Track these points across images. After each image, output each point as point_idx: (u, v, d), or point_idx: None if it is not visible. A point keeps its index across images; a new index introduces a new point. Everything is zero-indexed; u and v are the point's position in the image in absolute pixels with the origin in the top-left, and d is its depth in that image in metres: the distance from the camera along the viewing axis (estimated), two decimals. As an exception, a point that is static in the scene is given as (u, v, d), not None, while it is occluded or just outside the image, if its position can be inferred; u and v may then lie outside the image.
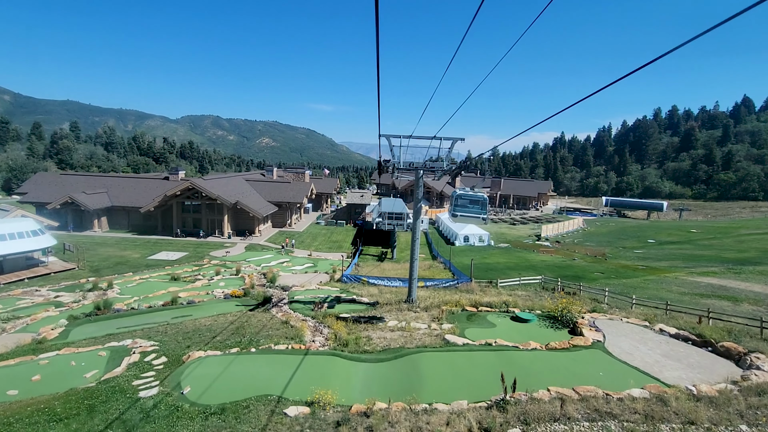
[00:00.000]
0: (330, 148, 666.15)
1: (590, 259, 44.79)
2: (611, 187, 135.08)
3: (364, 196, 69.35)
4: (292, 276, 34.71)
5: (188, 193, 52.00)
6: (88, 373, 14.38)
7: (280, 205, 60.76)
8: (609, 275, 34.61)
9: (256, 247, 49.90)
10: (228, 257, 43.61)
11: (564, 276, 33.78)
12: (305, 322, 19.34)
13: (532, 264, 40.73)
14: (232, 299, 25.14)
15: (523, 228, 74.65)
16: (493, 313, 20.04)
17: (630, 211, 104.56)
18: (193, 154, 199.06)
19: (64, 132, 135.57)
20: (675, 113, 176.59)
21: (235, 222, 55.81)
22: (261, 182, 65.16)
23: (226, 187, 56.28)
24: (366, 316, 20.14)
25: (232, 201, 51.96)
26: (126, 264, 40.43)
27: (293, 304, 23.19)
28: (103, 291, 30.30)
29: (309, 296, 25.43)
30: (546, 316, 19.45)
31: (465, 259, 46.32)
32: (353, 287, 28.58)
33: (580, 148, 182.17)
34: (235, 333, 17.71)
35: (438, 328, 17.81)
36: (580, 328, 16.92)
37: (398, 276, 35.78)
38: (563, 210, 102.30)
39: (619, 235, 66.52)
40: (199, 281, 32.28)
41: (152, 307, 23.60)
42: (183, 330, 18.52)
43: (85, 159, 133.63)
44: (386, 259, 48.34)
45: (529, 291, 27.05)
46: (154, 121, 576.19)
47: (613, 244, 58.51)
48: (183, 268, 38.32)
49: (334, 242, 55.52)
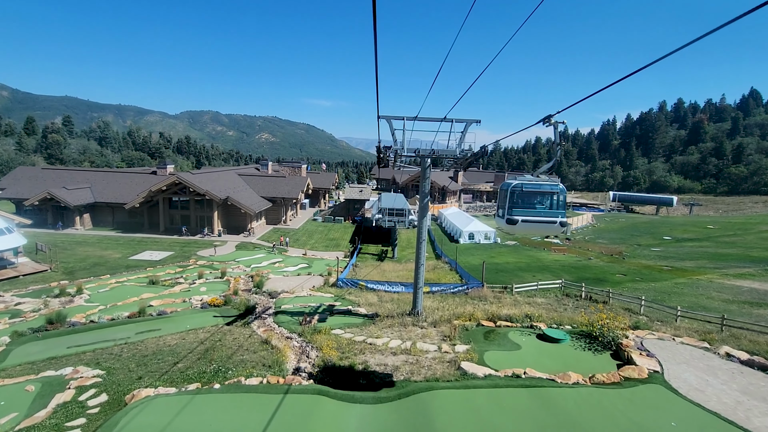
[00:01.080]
0: (330, 143, 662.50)
1: (607, 258, 41.53)
2: (617, 181, 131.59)
3: (363, 191, 66.00)
4: (283, 279, 31.46)
5: (175, 188, 48.67)
6: (3, 418, 11.14)
7: (275, 200, 57.43)
8: (632, 277, 31.36)
9: (248, 245, 46.64)
10: (216, 257, 40.37)
11: (583, 279, 30.55)
12: (290, 341, 16.11)
13: (545, 264, 37.47)
14: (210, 309, 21.91)
15: (529, 224, 71.36)
16: (515, 330, 16.77)
17: (638, 206, 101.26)
18: (190, 149, 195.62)
19: (55, 126, 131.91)
20: (681, 106, 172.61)
21: (226, 219, 52.51)
22: (255, 177, 61.80)
23: (217, 181, 52.95)
24: (363, 332, 16.90)
25: (222, 196, 48.64)
26: (104, 265, 37.19)
27: (279, 316, 19.94)
28: (70, 297, 27.08)
29: (298, 305, 22.19)
30: (580, 333, 16.19)
31: (471, 258, 43.10)
32: (350, 293, 25.34)
33: (584, 141, 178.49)
34: (202, 357, 14.48)
35: (450, 351, 14.56)
36: (627, 353, 13.64)
37: (400, 280, 32.56)
38: (569, 205, 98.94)
39: (632, 231, 63.22)
40: (178, 286, 29.04)
41: (115, 320, 20.36)
42: (141, 353, 15.28)
43: (78, 154, 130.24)
44: (386, 258, 45.12)
45: (549, 298, 23.80)
46: (153, 116, 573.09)
47: (627, 242, 55.23)
48: (165, 270, 35.10)
49: (331, 240, 52.27)
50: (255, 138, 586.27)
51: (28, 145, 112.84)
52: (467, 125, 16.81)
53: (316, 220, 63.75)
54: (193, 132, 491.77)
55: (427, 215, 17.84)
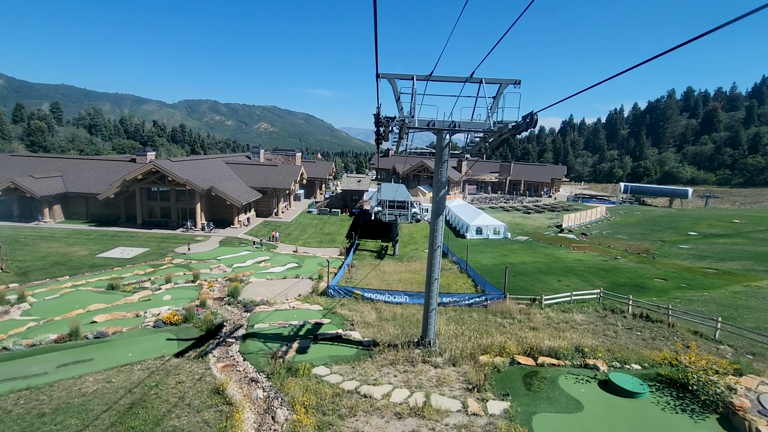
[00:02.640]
0: (329, 133, 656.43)
1: (634, 257, 36.91)
2: (627, 172, 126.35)
3: (362, 181, 61.13)
4: (266, 284, 26.82)
5: (153, 177, 43.84)
6: None
7: (265, 191, 52.66)
8: (675, 282, 26.76)
9: (234, 241, 42.02)
10: (194, 255, 35.77)
11: (618, 285, 25.98)
12: (253, 389, 11.54)
13: (568, 265, 32.86)
14: (165, 329, 17.31)
15: (539, 217, 66.66)
16: (565, 373, 12.17)
17: (650, 198, 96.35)
18: (184, 138, 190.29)
19: (41, 113, 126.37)
20: (691, 95, 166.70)
21: (211, 211, 47.84)
22: (244, 166, 56.91)
23: (201, 170, 48.13)
24: (356, 373, 12.31)
25: (204, 186, 43.86)
26: (66, 264, 32.59)
27: (248, 342, 15.37)
28: (7, 307, 22.57)
29: (277, 323, 17.60)
30: (659, 380, 11.60)
31: (482, 257, 38.51)
32: (342, 304, 20.76)
33: (591, 131, 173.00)
34: (119, 421, 9.89)
35: (482, 412, 9.99)
36: (748, 423, 9.06)
37: (402, 283, 27.97)
38: (578, 197, 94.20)
39: (651, 225, 58.54)
40: (141, 292, 24.47)
41: (37, 346, 15.77)
42: (38, 409, 10.70)
43: (66, 142, 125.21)
44: (386, 255, 40.51)
45: (588, 314, 19.20)
46: (150, 105, 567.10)
47: (649, 237, 50.58)
48: (134, 270, 30.53)
49: (326, 235, 47.62)
50: (254, 127, 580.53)
51: (10, 132, 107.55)
52: (502, 87, 12.01)
53: (311, 212, 59.05)
54: (191, 121, 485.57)
55: (443, 213, 13.11)
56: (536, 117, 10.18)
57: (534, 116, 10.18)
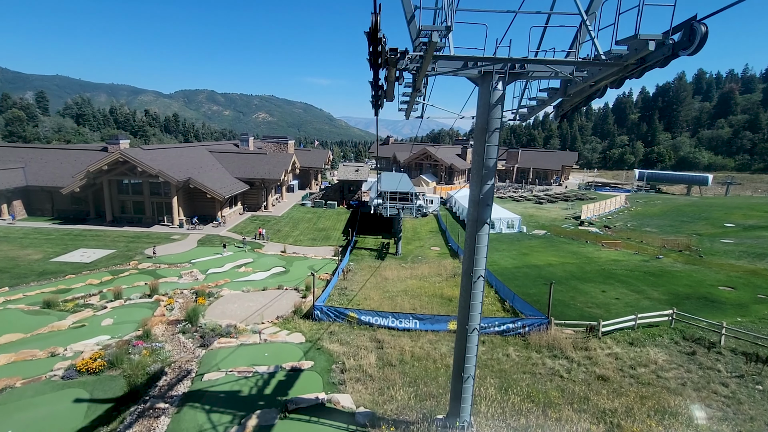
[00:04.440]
0: (328, 122, 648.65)
1: (677, 255, 31.78)
2: (639, 158, 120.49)
3: (360, 170, 55.73)
4: (240, 299, 21.70)
5: (122, 167, 38.54)
6: None
7: (253, 182, 47.41)
8: (746, 291, 21.65)
9: (214, 239, 36.92)
10: (164, 257, 30.73)
11: (678, 295, 20.88)
12: None
13: (605, 268, 27.68)
14: (76, 383, 12.25)
15: (552, 208, 61.41)
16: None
17: (667, 185, 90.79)
18: (178, 128, 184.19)
19: (24, 102, 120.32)
20: (702, 77, 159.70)
21: (191, 206, 42.67)
22: (230, 154, 51.52)
23: (179, 159, 42.78)
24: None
25: (181, 178, 38.59)
26: (10, 272, 27.54)
27: (185, 411, 10.29)
28: None
29: (237, 371, 12.54)
30: None
31: (498, 256, 33.37)
32: (331, 332, 15.68)
33: (599, 116, 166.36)
34: None
35: None
36: None
37: (408, 292, 22.84)
38: (590, 185, 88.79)
39: (679, 216, 53.30)
40: (78, 313, 19.40)
41: None
42: None
43: (52, 132, 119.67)
44: (387, 254, 35.39)
45: (668, 349, 14.08)
46: (147, 96, 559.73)
47: (681, 230, 45.42)
48: (88, 279, 25.46)
49: (320, 231, 42.48)
50: (252, 117, 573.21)
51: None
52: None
53: (305, 205, 53.85)
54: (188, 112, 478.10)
55: (487, 223, 7.73)
56: (704, 29, 4.85)
57: (697, 26, 4.86)
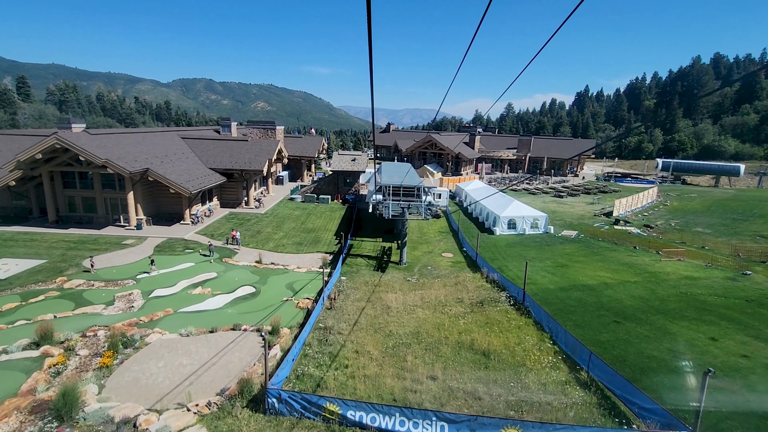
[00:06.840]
0: (328, 111, 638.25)
1: (765, 269, 24.71)
2: (657, 147, 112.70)
3: (357, 159, 48.44)
4: (173, 348, 14.75)
5: (63, 156, 31.50)
6: None
7: (232, 174, 40.35)
8: None
9: (176, 245, 30.00)
10: (104, 272, 23.86)
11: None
12: None
13: (681, 290, 20.66)
14: None
15: (575, 202, 54.15)
16: None
17: (693, 176, 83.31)
18: (170, 116, 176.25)
19: (1, 87, 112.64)
20: (721, 61, 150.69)
21: (154, 203, 35.74)
22: (206, 141, 44.27)
23: (137, 147, 35.61)
24: None
25: (136, 169, 31.50)
26: None
27: None
28: None
29: None
30: None
31: (529, 268, 26.27)
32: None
33: (612, 102, 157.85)
34: None
35: None
36: None
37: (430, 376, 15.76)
38: (610, 176, 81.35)
39: (726, 213, 46.13)
40: None
41: None
42: None
43: (33, 120, 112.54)
44: (389, 264, 28.36)
45: None
46: (144, 84, 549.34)
47: (737, 230, 38.33)
48: (-15, 307, 18.60)
49: (309, 232, 35.48)
50: (251, 107, 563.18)
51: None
52: None
53: (294, 199, 46.80)
54: (186, 101, 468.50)
55: None
56: None
57: None
